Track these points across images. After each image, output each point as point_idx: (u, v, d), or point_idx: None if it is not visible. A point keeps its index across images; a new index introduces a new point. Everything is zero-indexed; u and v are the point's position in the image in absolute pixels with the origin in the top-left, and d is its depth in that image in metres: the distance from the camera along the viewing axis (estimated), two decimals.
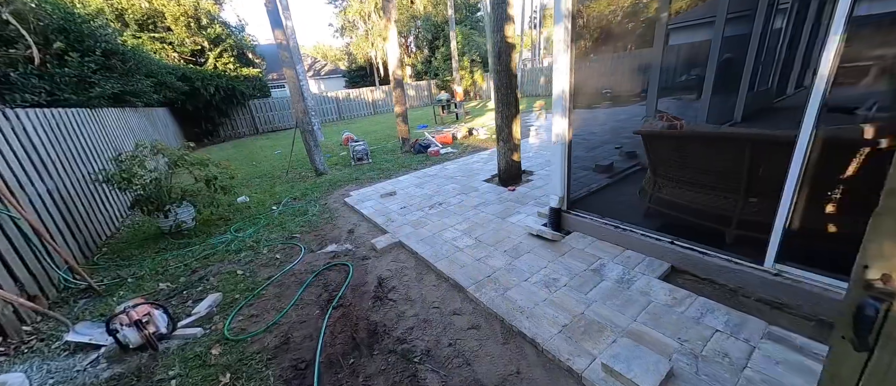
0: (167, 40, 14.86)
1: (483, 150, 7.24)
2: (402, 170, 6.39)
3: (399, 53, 7.37)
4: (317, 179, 6.54)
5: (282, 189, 6.18)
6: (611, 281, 2.30)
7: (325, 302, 2.68)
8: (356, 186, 5.73)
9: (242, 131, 17.45)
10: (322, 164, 6.84)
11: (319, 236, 3.92)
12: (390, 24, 7.10)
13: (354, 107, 21.22)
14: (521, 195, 4.15)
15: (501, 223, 3.46)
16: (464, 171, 5.64)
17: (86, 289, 3.24)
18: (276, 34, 6.13)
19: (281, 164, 8.45)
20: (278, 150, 10.94)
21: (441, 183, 5.11)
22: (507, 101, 4.31)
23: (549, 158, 5.66)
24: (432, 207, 4.18)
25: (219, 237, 4.25)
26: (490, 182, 4.89)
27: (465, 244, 3.13)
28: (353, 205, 4.68)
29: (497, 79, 4.26)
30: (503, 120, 4.40)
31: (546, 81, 18.83)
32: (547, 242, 2.93)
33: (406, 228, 3.65)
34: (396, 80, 7.50)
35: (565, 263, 2.59)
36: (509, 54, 4.11)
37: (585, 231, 2.96)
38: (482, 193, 4.43)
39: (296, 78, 6.39)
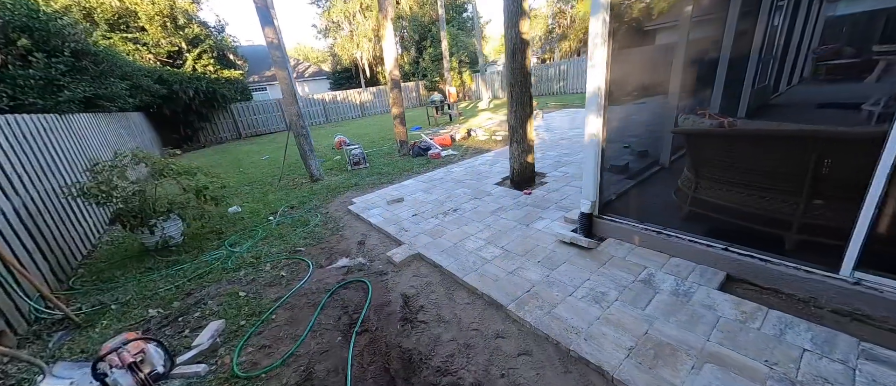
0: (141, 41, 14.03)
1: (485, 151, 7.04)
2: (405, 174, 6.11)
3: (396, 53, 7.08)
4: (313, 186, 6.18)
5: (276, 197, 5.80)
6: (666, 293, 2.11)
7: (346, 326, 2.39)
8: (358, 193, 5.42)
9: (224, 136, 16.71)
10: (318, 170, 6.49)
11: (327, 249, 3.61)
12: (386, 21, 6.82)
13: (342, 109, 20.71)
14: (539, 199, 3.96)
15: (526, 230, 3.25)
16: (471, 174, 5.42)
17: (62, 320, 2.83)
18: (267, 32, 5.75)
19: (271, 171, 8.01)
20: (266, 155, 10.44)
21: (450, 187, 4.87)
22: (521, 101, 4.11)
23: (558, 159, 5.51)
24: (446, 213, 3.94)
25: (212, 253, 3.87)
26: (502, 185, 4.68)
27: (492, 255, 2.90)
28: (359, 213, 4.38)
29: (511, 77, 4.06)
30: (517, 120, 4.20)
31: (535, 81, 18.85)
32: (582, 251, 2.74)
33: (423, 238, 3.39)
34: (393, 81, 7.22)
35: (609, 274, 2.39)
36: (524, 51, 3.92)
37: (622, 237, 2.78)
38: (497, 198, 4.21)
39: (288, 79, 6.02)
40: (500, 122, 10.79)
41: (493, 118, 11.76)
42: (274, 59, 5.89)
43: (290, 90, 6.04)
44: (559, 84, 17.76)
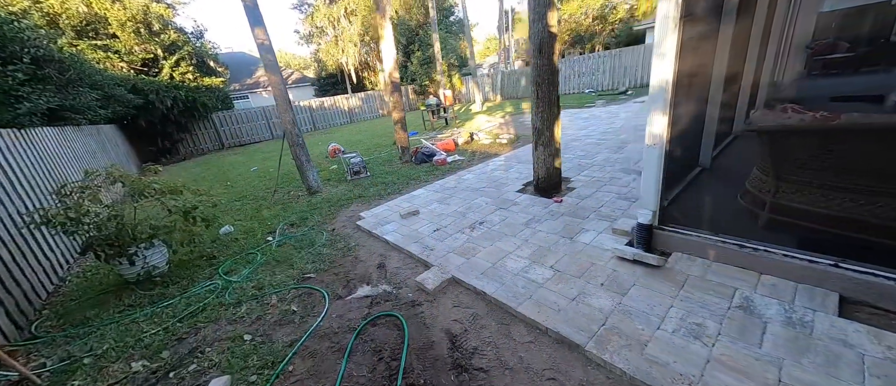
0: (112, 49, 13.13)
1: (494, 155, 6.68)
2: (412, 183, 5.68)
3: (395, 54, 6.67)
4: (311, 199, 5.67)
5: (272, 214, 5.26)
6: (778, 324, 1.77)
7: (386, 379, 1.94)
8: (364, 206, 4.95)
9: (206, 147, 15.84)
10: (316, 181, 5.98)
11: (342, 275, 3.14)
12: (385, 21, 6.40)
13: (329, 116, 20.09)
14: (573, 208, 3.60)
15: (572, 245, 2.87)
16: (487, 180, 5.03)
17: (19, 384, 2.28)
18: (257, 33, 5.24)
19: (262, 183, 7.43)
20: (255, 166, 9.80)
21: (467, 197, 4.47)
22: (549, 100, 3.76)
23: (578, 162, 5.18)
24: (472, 227, 3.53)
25: (205, 284, 3.34)
26: (525, 192, 4.31)
27: (542, 276, 2.51)
28: (371, 230, 3.92)
29: (537, 74, 3.71)
30: (543, 122, 3.85)
31: (527, 83, 18.71)
32: (650, 270, 2.38)
33: (454, 258, 2.97)
34: (394, 84, 6.79)
35: (695, 299, 2.04)
36: (552, 46, 3.57)
37: (692, 251, 2.44)
38: (525, 207, 3.83)
39: (281, 84, 5.51)
40: (499, 124, 10.49)
41: (491, 121, 11.46)
42: (265, 62, 5.38)
43: (284, 96, 5.53)
44: None
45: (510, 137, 7.91)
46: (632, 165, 4.65)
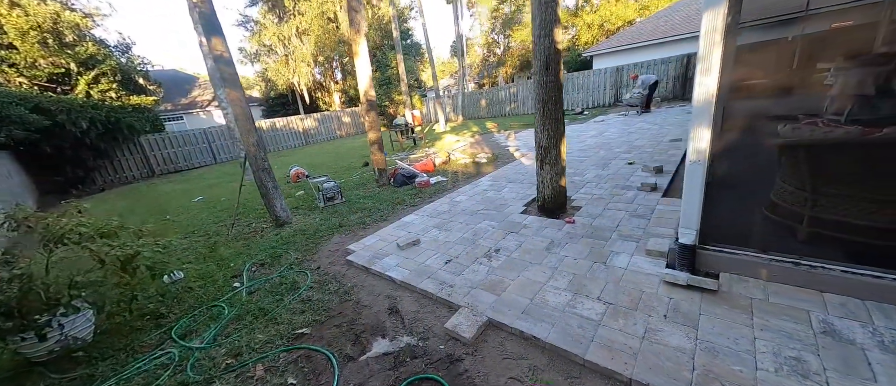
0: (9, 61, 10.97)
1: (478, 175, 6.45)
2: (399, 208, 5.19)
3: (371, 72, 6.27)
4: (281, 232, 4.91)
5: (233, 252, 4.43)
6: (876, 350, 1.65)
7: None
8: (348, 237, 4.36)
9: (131, 175, 13.70)
10: (284, 211, 5.23)
11: (346, 327, 2.57)
12: (360, 36, 6.01)
13: (282, 138, 18.73)
14: (589, 228, 3.42)
15: (609, 271, 2.64)
16: (483, 202, 4.74)
17: None
18: (215, 44, 4.54)
19: (213, 215, 6.39)
20: (199, 196, 8.53)
21: (469, 221, 4.12)
22: (555, 117, 3.62)
23: (570, 179, 5.12)
24: (489, 256, 3.17)
25: (152, 355, 2.54)
26: (529, 213, 4.08)
27: (594, 311, 2.22)
28: (367, 266, 3.38)
29: (543, 92, 3.56)
30: (550, 140, 3.69)
31: (487, 103, 19.26)
32: (708, 296, 2.21)
33: (481, 296, 2.58)
34: (369, 102, 6.34)
35: (773, 328, 1.88)
36: (558, 62, 3.47)
37: (741, 271, 2.32)
38: (537, 230, 3.58)
39: (243, 101, 4.80)
40: (471, 143, 10.42)
41: (461, 140, 11.38)
42: (224, 76, 4.66)
43: (247, 114, 4.82)
44: (510, 106, 18.32)
45: (488, 156, 7.80)
46: (625, 181, 4.68)
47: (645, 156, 5.89)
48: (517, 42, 28.52)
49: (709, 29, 2.05)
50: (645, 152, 6.14)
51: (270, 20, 25.75)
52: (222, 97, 9.29)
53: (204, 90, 24.28)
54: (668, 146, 6.29)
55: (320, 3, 24.56)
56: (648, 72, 13.17)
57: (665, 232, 3.09)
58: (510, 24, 29.69)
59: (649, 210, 3.63)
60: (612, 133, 8.44)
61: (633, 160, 5.61)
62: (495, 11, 30.71)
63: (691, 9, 15.81)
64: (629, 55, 15.88)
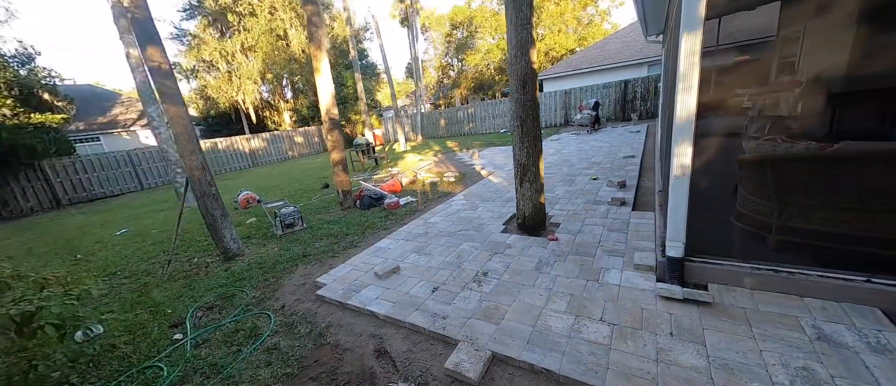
0: None
1: (450, 195, 6.32)
2: (370, 233, 4.84)
3: (332, 89, 5.95)
4: (231, 266, 4.30)
5: (170, 294, 3.75)
6: (868, 353, 1.73)
7: None
8: (316, 268, 3.92)
9: (28, 207, 11.51)
10: (235, 241, 4.60)
11: (325, 380, 2.19)
12: (321, 53, 5.70)
13: (226, 160, 17.17)
14: (573, 245, 3.41)
15: (604, 289, 2.60)
16: (459, 223, 4.58)
17: None
18: (151, 54, 3.96)
19: (141, 252, 5.46)
20: (123, 228, 7.30)
21: (448, 243, 3.93)
22: (533, 135, 3.64)
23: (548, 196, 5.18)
24: (478, 281, 2.99)
25: None
26: (509, 232, 4.01)
27: (601, 334, 2.13)
28: (342, 300, 3.01)
29: (521, 110, 3.57)
30: (528, 158, 3.69)
31: (446, 122, 19.53)
32: (705, 308, 2.23)
33: (479, 326, 2.38)
34: (332, 121, 5.98)
35: (773, 337, 1.92)
36: (534, 81, 3.51)
37: (726, 281, 2.40)
38: (522, 249, 3.49)
39: (185, 118, 4.22)
40: (435, 162, 10.33)
41: (425, 160, 11.26)
42: (163, 90, 4.06)
43: (190, 133, 4.23)
44: (469, 125, 18.75)
45: (456, 175, 7.74)
46: (595, 196, 4.84)
47: (605, 171, 6.21)
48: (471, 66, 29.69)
49: (688, 51, 2.17)
50: (603, 168, 6.49)
51: (211, 34, 24.06)
52: (154, 115, 8.23)
53: (128, 108, 21.60)
54: (623, 162, 6.73)
55: (268, 21, 23.56)
56: (588, 97, 14.36)
57: (645, 245, 3.17)
58: (463, 49, 30.94)
59: (625, 224, 3.74)
60: (570, 151, 8.89)
61: (596, 176, 5.88)
62: (449, 36, 31.87)
63: (623, 42, 17.74)
64: (575, 80, 17.24)
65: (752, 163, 2.61)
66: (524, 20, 3.34)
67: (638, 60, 15.28)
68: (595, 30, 26.54)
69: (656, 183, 4.83)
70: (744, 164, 2.67)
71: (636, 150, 7.66)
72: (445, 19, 31.94)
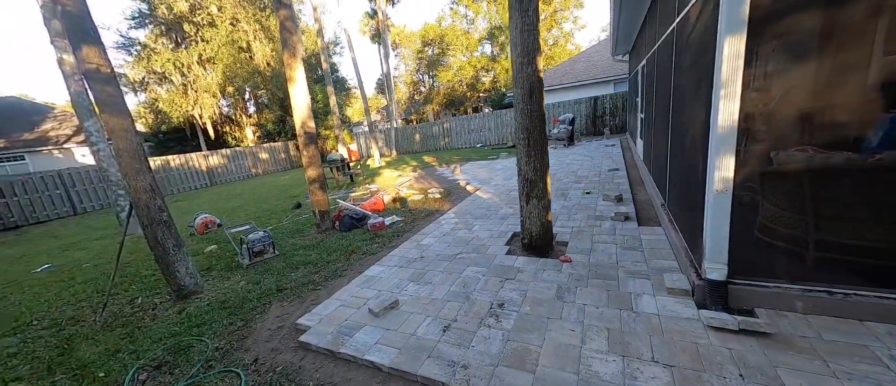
0: None
1: (437, 212, 5.91)
2: (355, 259, 4.29)
3: (309, 100, 5.42)
4: (187, 307, 3.58)
5: (103, 349, 3.00)
6: None
7: None
8: (293, 305, 3.32)
9: None
10: (192, 276, 3.87)
11: None
12: (296, 61, 5.19)
13: (180, 178, 15.64)
14: (590, 267, 3.12)
15: (643, 320, 2.30)
16: (456, 244, 4.17)
17: None
18: (88, 54, 3.28)
19: (67, 292, 4.50)
20: (46, 263, 6.13)
21: (449, 269, 3.50)
22: (540, 149, 3.37)
23: None
24: (494, 315, 2.59)
25: None
26: (515, 254, 3.66)
27: (660, 383, 1.80)
28: (331, 348, 2.48)
29: (527, 122, 3.30)
30: (536, 172, 3.41)
31: (421, 137, 19.23)
32: (762, 339, 1.98)
33: (510, 377, 1.96)
34: (308, 134, 5.42)
35: (856, 373, 1.69)
36: (541, 91, 3.27)
37: (777, 306, 2.19)
38: (535, 274, 3.15)
39: (131, 132, 3.53)
40: (416, 177, 9.91)
41: (404, 175, 10.80)
42: (102, 99, 3.37)
43: (134, 149, 3.54)
44: (444, 140, 18.59)
45: (441, 192, 7.36)
46: (594, 212, 4.65)
47: (594, 185, 6.12)
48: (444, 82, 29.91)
49: (731, 54, 1.98)
50: (593, 182, 6.41)
51: (164, 44, 22.38)
52: (91, 129, 7.15)
53: (61, 123, 19.27)
54: (610, 175, 6.71)
55: (230, 32, 22.37)
56: (564, 112, 14.76)
57: (668, 265, 2.94)
58: (435, 66, 31.20)
59: (636, 241, 3.53)
60: (553, 164, 8.84)
61: (589, 190, 5.75)
62: (420, 53, 32.07)
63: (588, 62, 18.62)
64: (547, 97, 17.71)
65: (784, 174, 2.47)
66: (530, 25, 3.11)
67: (605, 78, 16.01)
68: (560, 50, 27.88)
69: (653, 196, 4.74)
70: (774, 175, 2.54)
71: (618, 163, 7.73)
72: (416, 36, 32.20)
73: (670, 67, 3.70)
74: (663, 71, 4.23)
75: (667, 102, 3.92)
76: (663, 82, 4.21)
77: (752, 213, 2.18)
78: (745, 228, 2.21)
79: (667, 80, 3.92)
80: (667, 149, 3.89)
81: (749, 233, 2.22)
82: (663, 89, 4.19)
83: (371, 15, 22.46)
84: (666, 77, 4.00)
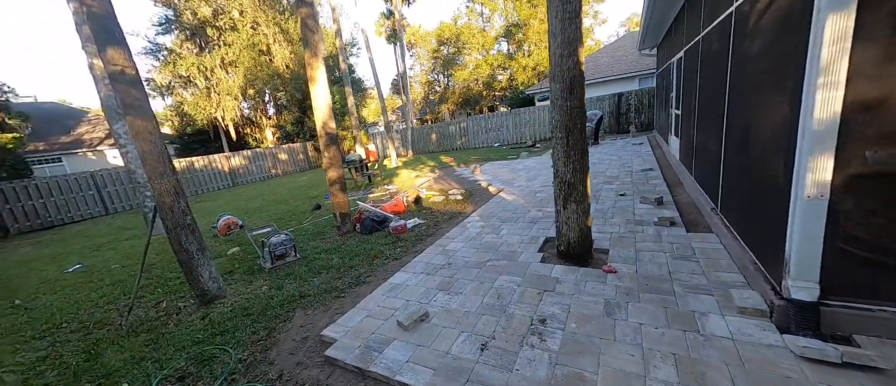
0: None
1: (458, 215, 5.68)
2: (378, 264, 4.12)
3: (330, 100, 5.30)
4: (209, 313, 3.49)
5: (127, 356, 2.92)
6: None
7: None
8: (317, 313, 3.17)
9: None
10: (215, 281, 3.79)
11: None
12: (317, 60, 5.07)
13: (204, 179, 16.02)
14: (641, 279, 2.83)
15: (719, 347, 2.00)
16: (483, 249, 3.94)
17: None
18: (112, 56, 3.23)
19: (96, 294, 4.52)
20: (77, 263, 6.26)
21: (480, 277, 3.27)
22: (580, 148, 3.09)
23: None
24: (536, 332, 2.34)
25: None
26: (551, 262, 3.38)
27: None
28: (360, 365, 2.29)
29: (567, 118, 3.03)
30: (575, 173, 3.13)
31: (437, 137, 19.05)
32: (873, 375, 1.66)
33: None
34: (329, 135, 5.30)
35: None
36: (582, 85, 2.99)
37: (882, 333, 1.85)
38: (576, 285, 2.87)
39: (155, 134, 3.46)
40: (435, 178, 9.71)
41: (422, 176, 10.63)
42: (127, 100, 3.31)
43: (158, 151, 3.47)
44: (461, 140, 18.33)
45: (463, 193, 7.13)
46: (632, 215, 4.32)
47: (627, 186, 5.75)
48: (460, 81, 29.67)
49: (835, 35, 1.67)
50: (625, 183, 6.03)
51: (188, 49, 23.06)
52: (120, 132, 7.29)
53: (95, 126, 20.17)
54: (643, 176, 6.31)
55: (250, 35, 22.83)
56: (592, 108, 14.21)
57: (733, 279, 2.62)
58: (451, 65, 30.98)
59: (688, 249, 3.20)
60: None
61: (623, 192, 5.40)
62: (436, 52, 31.92)
63: (613, 56, 17.96)
64: None
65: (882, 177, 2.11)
66: (572, 13, 2.84)
67: (630, 74, 15.38)
68: None
69: (698, 199, 4.36)
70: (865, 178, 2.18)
71: (650, 162, 7.30)
72: (431, 36, 32.07)
73: (725, 57, 3.34)
74: (713, 61, 3.85)
75: (719, 96, 3.56)
76: (713, 74, 3.83)
77: (853, 222, 1.84)
78: (842, 240, 1.87)
79: (719, 70, 3.56)
80: (719, 147, 3.52)
81: (848, 246, 1.88)
82: (713, 81, 3.82)
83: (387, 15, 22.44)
84: (718, 67, 3.64)
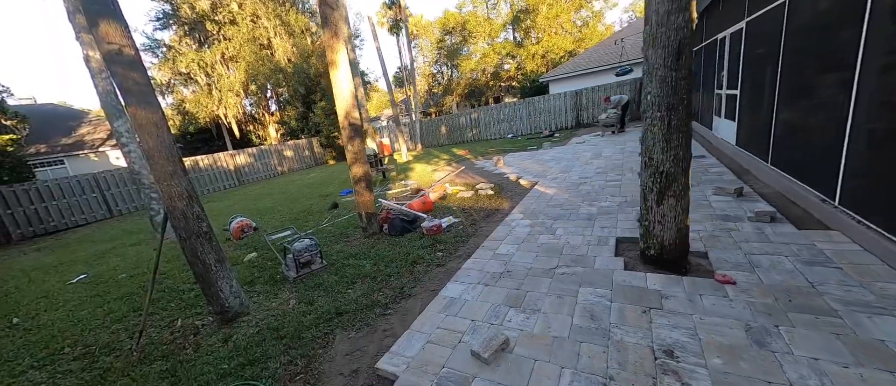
0: None
1: (494, 212, 5.13)
2: (419, 271, 3.58)
3: (353, 87, 4.71)
4: (234, 334, 2.97)
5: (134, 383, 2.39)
6: None
7: None
8: (362, 336, 2.64)
9: None
10: (236, 296, 3.26)
11: None
12: (338, 42, 4.48)
13: (208, 179, 15.52)
14: (772, 291, 2.27)
15: None
16: (543, 252, 3.38)
17: None
18: (106, 32, 2.66)
19: (102, 309, 4.02)
20: (82, 273, 5.77)
21: (555, 290, 2.72)
22: (684, 131, 2.51)
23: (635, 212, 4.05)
24: (665, 369, 1.80)
25: None
26: (633, 268, 2.83)
27: None
28: None
29: (671, 95, 2.44)
30: (676, 163, 2.56)
31: (447, 130, 18.41)
32: None
33: None
34: (353, 126, 4.72)
35: None
36: (690, 50, 2.40)
37: None
38: (688, 300, 2.32)
39: (160, 125, 2.90)
40: (457, 172, 9.14)
41: (440, 170, 10.05)
42: (127, 85, 2.75)
43: (166, 147, 2.92)
44: (472, 132, 17.70)
45: (492, 187, 6.56)
46: (712, 211, 3.74)
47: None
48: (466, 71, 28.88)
49: None
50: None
51: (188, 45, 22.46)
52: (121, 130, 6.74)
53: (96, 127, 19.66)
54: (696, 163, 5.70)
55: (251, 29, 22.17)
56: (620, 93, 13.50)
57: None
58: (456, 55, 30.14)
59: (817, 253, 2.62)
60: (610, 153, 7.89)
61: None
62: (440, 42, 31.06)
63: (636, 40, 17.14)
64: (583, 80, 16.51)
65: None
66: None
67: None
68: (591, 32, 26.23)
69: (787, 189, 3.77)
70: None
71: (697, 150, 6.68)
72: (434, 26, 31.16)
73: (855, 17, 2.73)
74: (822, 22, 3.24)
75: (836, 63, 2.96)
76: (822, 37, 3.22)
77: None
78: None
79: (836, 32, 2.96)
80: (839, 127, 2.91)
81: None
82: (823, 46, 3.21)
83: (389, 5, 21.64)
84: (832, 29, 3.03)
